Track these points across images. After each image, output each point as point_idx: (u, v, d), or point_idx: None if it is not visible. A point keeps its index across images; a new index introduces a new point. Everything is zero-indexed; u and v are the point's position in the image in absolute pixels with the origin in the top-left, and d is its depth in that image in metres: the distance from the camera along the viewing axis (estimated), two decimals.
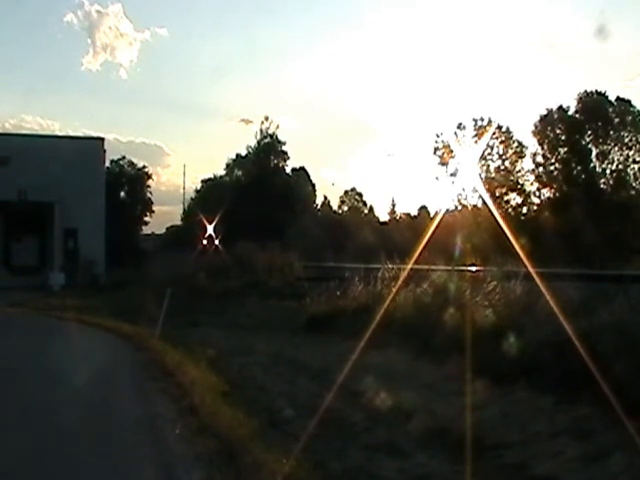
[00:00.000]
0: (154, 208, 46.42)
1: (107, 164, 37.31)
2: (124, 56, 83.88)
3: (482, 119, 44.07)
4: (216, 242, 33.75)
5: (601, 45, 65.43)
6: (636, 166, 42.08)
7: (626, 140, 41.99)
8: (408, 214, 54.65)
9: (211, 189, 53.63)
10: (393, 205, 57.54)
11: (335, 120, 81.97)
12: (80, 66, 71.58)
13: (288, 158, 52.82)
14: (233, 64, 75.82)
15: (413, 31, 79.73)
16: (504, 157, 44.18)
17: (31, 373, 9.34)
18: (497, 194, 42.66)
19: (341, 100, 80.00)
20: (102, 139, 33.91)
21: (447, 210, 39.29)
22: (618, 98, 42.11)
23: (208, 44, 74.88)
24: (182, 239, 40.00)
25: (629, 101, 42.13)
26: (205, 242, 34.20)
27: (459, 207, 43.34)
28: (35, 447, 5.60)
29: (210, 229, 35.02)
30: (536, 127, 43.12)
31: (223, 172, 56.97)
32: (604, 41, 60.95)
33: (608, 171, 42.05)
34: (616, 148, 41.87)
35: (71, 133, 52.98)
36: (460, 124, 43.98)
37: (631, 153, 42.04)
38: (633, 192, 42.05)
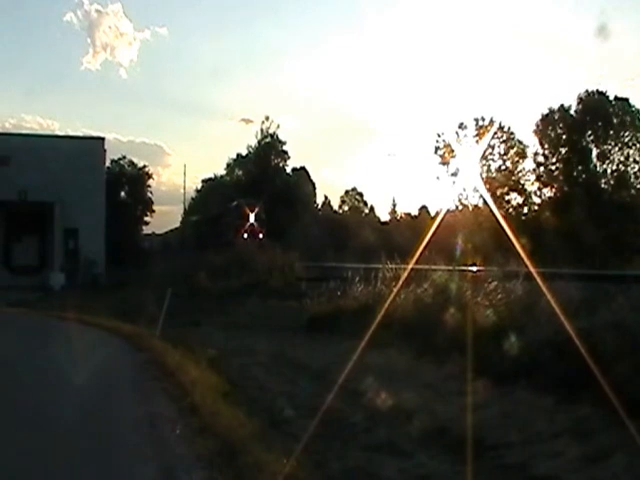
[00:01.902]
0: (154, 208, 46.45)
1: (107, 164, 37.29)
2: (124, 55, 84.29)
3: (483, 119, 44.11)
4: (260, 235, 29.71)
5: (602, 44, 65.41)
6: (636, 166, 42.08)
7: (626, 140, 41.99)
8: (409, 214, 54.74)
9: (212, 189, 53.67)
10: (394, 205, 57.64)
11: (336, 120, 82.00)
12: (80, 66, 71.83)
13: (288, 158, 52.90)
14: (234, 63, 75.96)
15: (414, 30, 79.70)
16: (505, 157, 44.19)
17: (31, 373, 9.33)
18: (498, 194, 42.67)
19: (342, 100, 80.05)
20: (102, 139, 33.93)
21: (448, 210, 39.33)
22: (618, 98, 42.12)
23: (209, 43, 75.03)
24: (207, 233, 35.52)
25: (627, 100, 42.18)
26: (246, 234, 30.24)
27: (460, 207, 43.38)
28: (34, 447, 5.60)
29: (252, 218, 30.74)
30: (537, 127, 43.17)
31: (224, 172, 57.07)
32: (605, 40, 60.87)
33: (609, 171, 42.05)
34: (617, 148, 41.87)
35: (71, 133, 53.11)
36: (461, 124, 44.03)
37: (631, 152, 42.04)
38: (634, 192, 42.05)
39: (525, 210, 43.81)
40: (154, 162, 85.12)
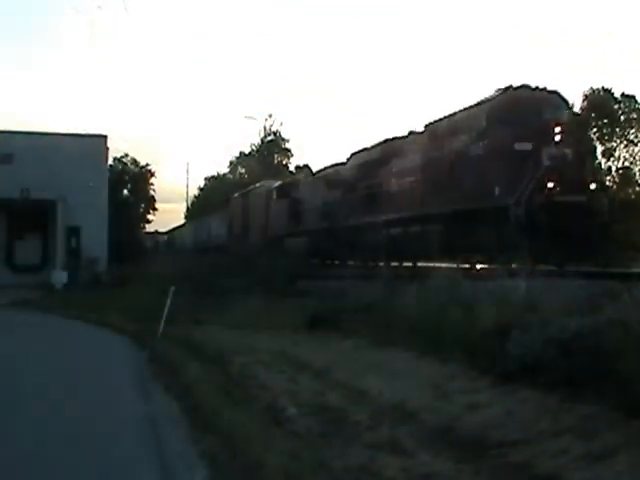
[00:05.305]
0: (157, 206, 46.46)
1: (110, 162, 37.21)
2: (126, 53, 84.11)
3: None
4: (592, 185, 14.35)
5: (608, 41, 65.29)
6: None
7: (632, 137, 41.82)
8: None
9: (214, 187, 53.69)
10: None
11: (340, 117, 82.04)
12: (82, 62, 71.88)
13: (292, 155, 52.91)
14: (237, 61, 76.01)
15: (417, 30, 79.70)
16: None
17: (33, 371, 9.33)
18: None
19: (346, 98, 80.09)
20: (105, 136, 33.74)
21: None
22: (624, 95, 41.91)
23: (211, 41, 75.06)
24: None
25: (634, 97, 41.95)
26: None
27: None
28: (34, 448, 5.58)
29: (546, 157, 12.34)
30: None
31: (227, 170, 57.11)
32: (612, 37, 60.76)
33: (614, 168, 41.91)
34: (622, 145, 41.71)
35: (73, 130, 53.09)
36: None
37: (637, 150, 41.87)
38: (639, 189, 41.90)
39: None
40: (157, 160, 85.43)
